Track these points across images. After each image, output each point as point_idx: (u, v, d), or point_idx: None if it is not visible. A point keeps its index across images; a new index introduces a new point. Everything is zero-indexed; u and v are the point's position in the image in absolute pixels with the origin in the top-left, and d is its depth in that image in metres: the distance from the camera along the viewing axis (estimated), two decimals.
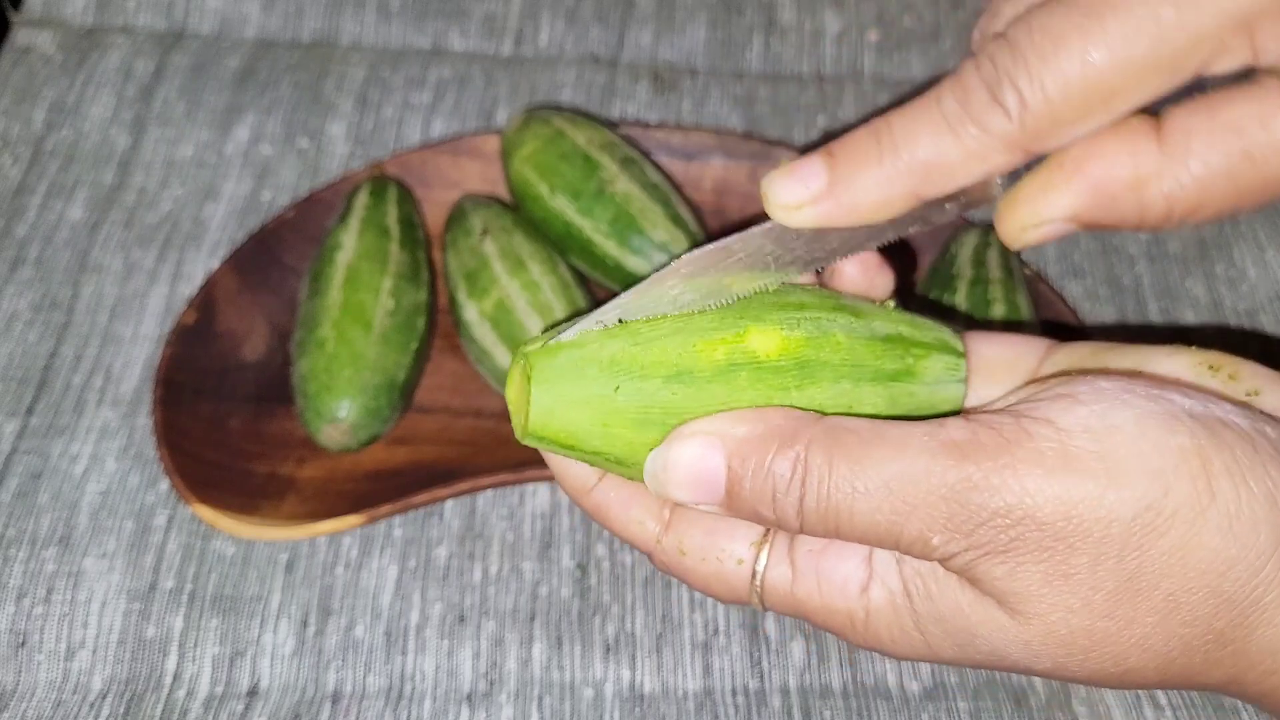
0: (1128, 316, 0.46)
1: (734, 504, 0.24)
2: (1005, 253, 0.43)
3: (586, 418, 0.24)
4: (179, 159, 0.49)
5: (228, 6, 0.54)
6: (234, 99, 0.51)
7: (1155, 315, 0.46)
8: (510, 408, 0.25)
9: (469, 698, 0.36)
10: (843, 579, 0.25)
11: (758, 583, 0.26)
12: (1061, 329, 0.43)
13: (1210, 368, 0.24)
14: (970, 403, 0.27)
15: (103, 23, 0.54)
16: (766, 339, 0.25)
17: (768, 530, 0.27)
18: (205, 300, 0.42)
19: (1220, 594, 0.22)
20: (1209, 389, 0.24)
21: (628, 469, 0.25)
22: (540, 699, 0.36)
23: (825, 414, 0.25)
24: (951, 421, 0.23)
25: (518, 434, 0.25)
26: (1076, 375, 0.24)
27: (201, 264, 0.46)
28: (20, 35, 0.53)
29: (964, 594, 0.24)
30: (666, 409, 0.24)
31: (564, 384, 0.24)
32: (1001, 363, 0.27)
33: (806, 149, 0.49)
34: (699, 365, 0.24)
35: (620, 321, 0.24)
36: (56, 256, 0.46)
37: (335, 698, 0.36)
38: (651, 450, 0.24)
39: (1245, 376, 0.24)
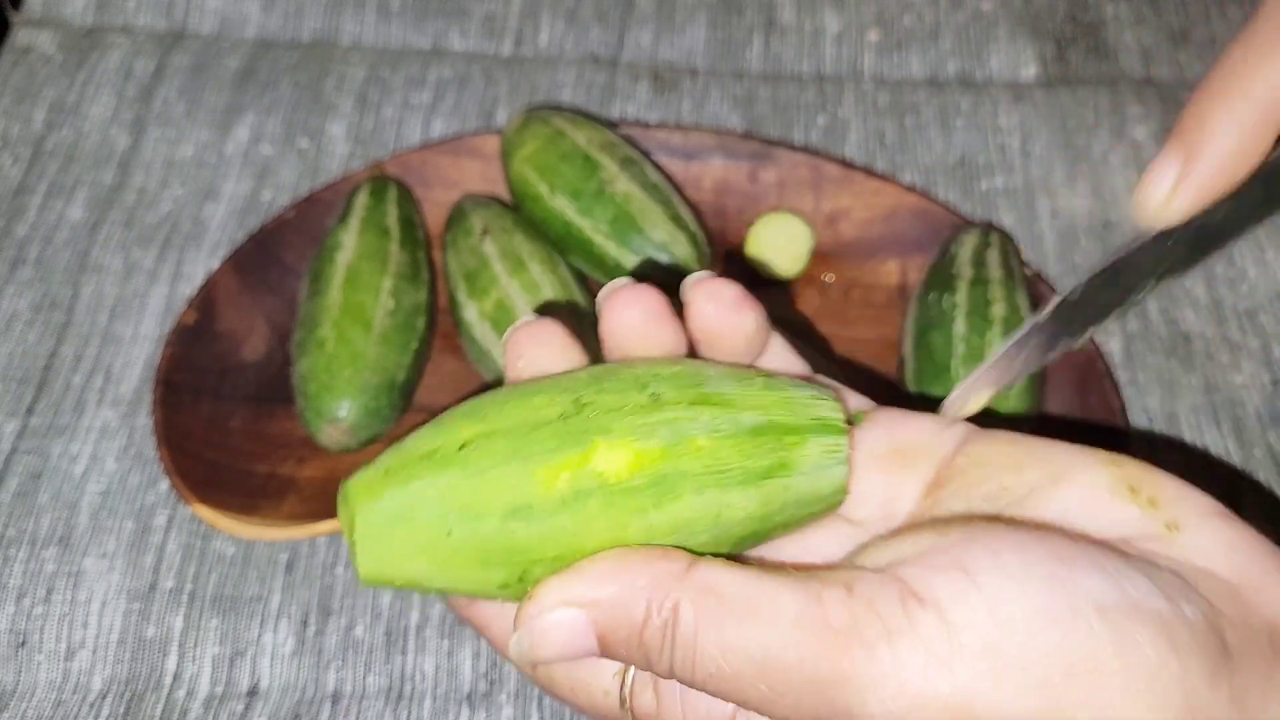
0: (1128, 316, 0.46)
1: (609, 654, 0.22)
2: (1005, 253, 0.43)
3: (423, 564, 0.22)
4: (179, 159, 0.49)
5: (228, 6, 0.54)
6: (234, 99, 0.51)
7: (1155, 315, 0.46)
8: (347, 542, 0.23)
9: (469, 697, 0.36)
10: (706, 709, 0.23)
11: (627, 709, 0.24)
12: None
13: (1130, 488, 0.22)
14: (877, 495, 0.25)
15: (103, 23, 0.54)
16: (615, 456, 0.22)
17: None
18: (205, 300, 0.42)
19: None
20: (1124, 524, 0.22)
21: (485, 598, 0.23)
22: (540, 698, 0.36)
23: (692, 543, 0.23)
24: (830, 596, 0.21)
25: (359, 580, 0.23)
26: (980, 528, 0.22)
27: (201, 264, 0.46)
28: (20, 35, 0.53)
29: None
30: (508, 548, 0.22)
31: (392, 533, 0.21)
32: (915, 447, 0.25)
33: (807, 149, 0.49)
34: (540, 498, 0.21)
35: (456, 445, 0.22)
36: (56, 256, 0.46)
37: (335, 698, 0.36)
38: (499, 586, 0.22)
39: (1166, 502, 0.22)
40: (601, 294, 0.25)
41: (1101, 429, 0.41)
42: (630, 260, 0.42)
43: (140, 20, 0.54)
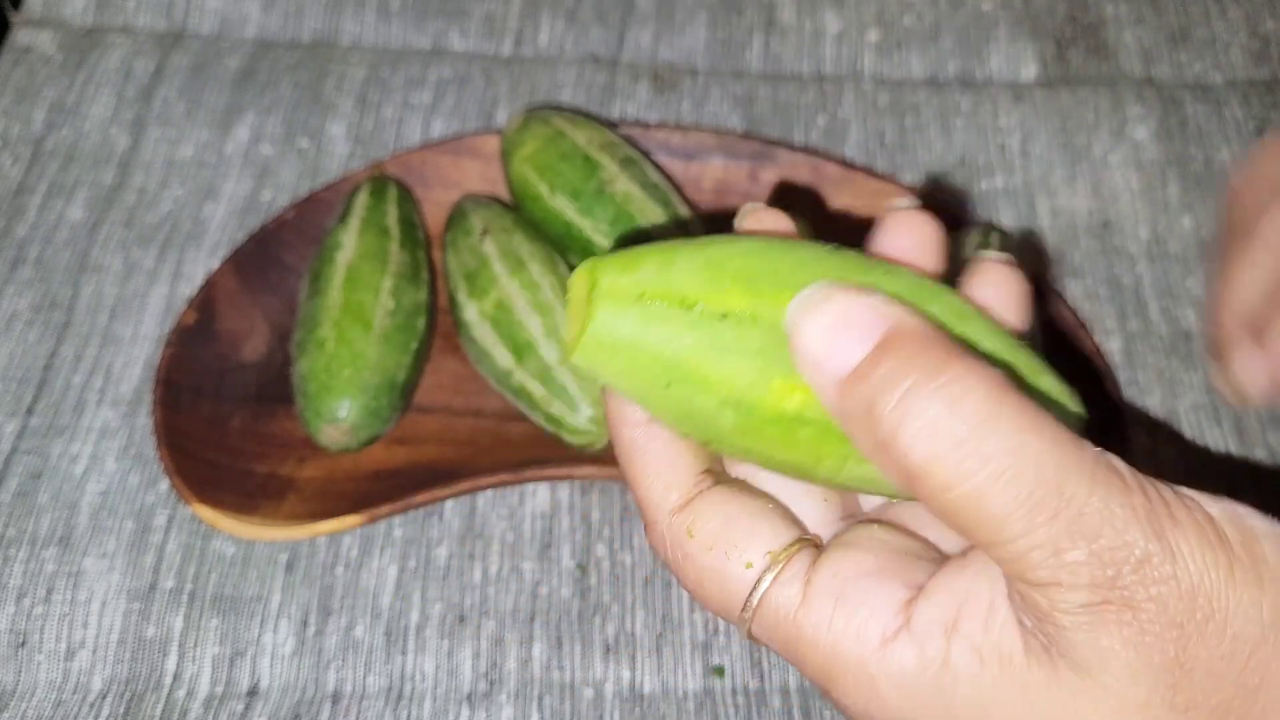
0: (1128, 316, 0.46)
1: (877, 368, 0.19)
2: (1005, 252, 0.43)
3: (629, 387, 0.22)
4: (179, 159, 0.49)
5: (228, 6, 0.54)
6: (234, 99, 0.51)
7: (1156, 314, 0.46)
8: (569, 313, 0.22)
9: (469, 698, 0.36)
10: (864, 620, 0.21)
11: (756, 596, 0.22)
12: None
13: None
14: None
15: (102, 23, 0.54)
16: None
17: (794, 543, 0.23)
18: (205, 300, 0.42)
19: None
20: None
21: (668, 427, 0.23)
22: (540, 699, 0.36)
23: (870, 493, 0.23)
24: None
25: (564, 352, 0.22)
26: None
27: (201, 264, 0.46)
28: (20, 35, 0.53)
29: (1035, 673, 0.19)
30: (709, 425, 0.21)
31: (617, 350, 0.21)
32: None
33: (807, 149, 0.49)
34: (763, 405, 0.21)
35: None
36: (56, 256, 0.46)
37: (335, 698, 0.36)
38: (682, 435, 0.22)
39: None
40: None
41: (1102, 427, 0.41)
42: None
43: (140, 20, 0.54)
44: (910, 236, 0.24)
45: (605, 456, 0.40)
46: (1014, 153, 0.51)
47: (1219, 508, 0.19)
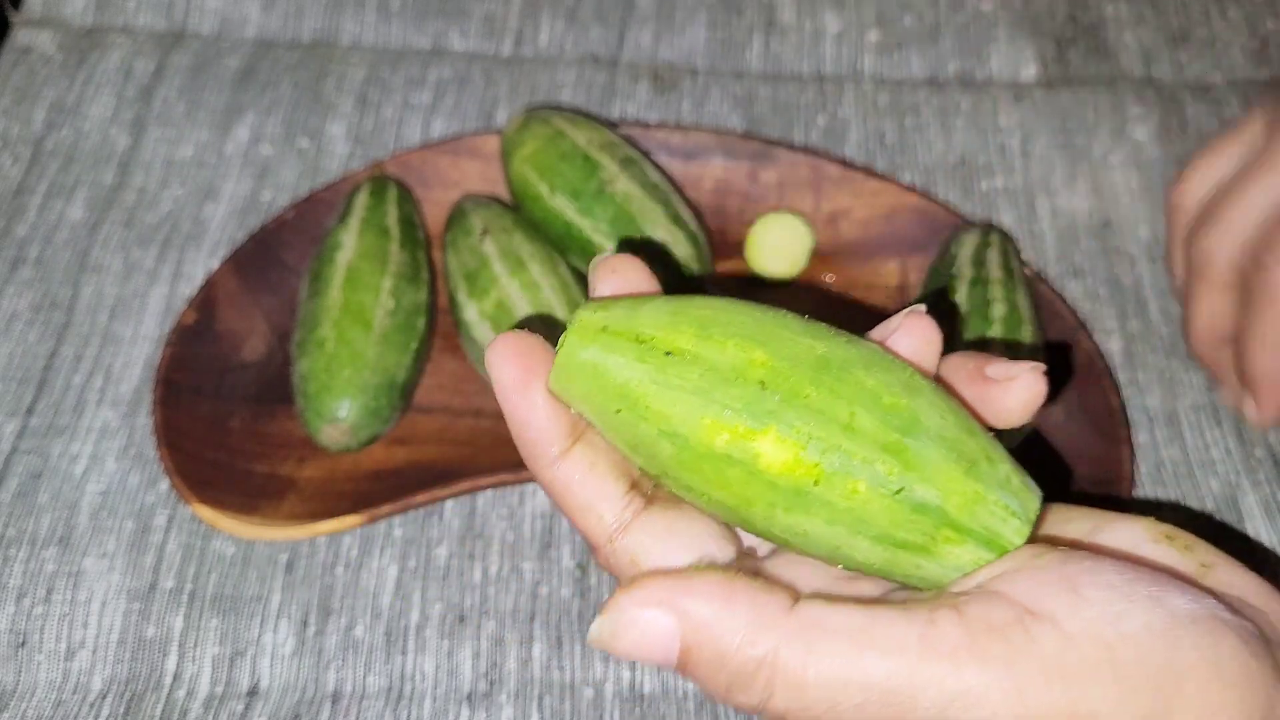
0: (1128, 316, 0.46)
1: (687, 671, 0.22)
2: (1005, 252, 0.43)
3: (589, 411, 0.24)
4: (179, 159, 0.49)
5: (228, 6, 0.54)
6: (234, 99, 0.51)
7: (1155, 315, 0.46)
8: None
9: (469, 697, 0.36)
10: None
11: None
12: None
13: (1167, 536, 0.24)
14: None
15: (102, 23, 0.54)
16: (777, 450, 0.22)
17: (735, 558, 0.26)
18: (205, 300, 0.42)
19: None
20: (1167, 564, 0.24)
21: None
22: (540, 699, 0.36)
23: (799, 551, 0.23)
24: (943, 618, 0.21)
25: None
26: (1073, 551, 0.23)
27: (201, 264, 0.46)
28: (20, 35, 0.53)
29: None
30: (652, 454, 0.23)
31: (578, 376, 0.23)
32: None
33: (807, 149, 0.49)
34: (696, 439, 0.22)
35: (667, 348, 0.23)
36: (56, 256, 0.46)
37: (335, 697, 0.36)
38: (639, 468, 0.24)
39: (1199, 549, 0.24)
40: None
41: (1101, 427, 0.41)
42: None
43: (140, 20, 0.54)
44: (913, 338, 0.25)
45: None
46: (1014, 153, 0.51)
47: (1081, 620, 0.21)
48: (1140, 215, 0.49)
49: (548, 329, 0.28)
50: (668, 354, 0.23)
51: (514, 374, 0.24)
